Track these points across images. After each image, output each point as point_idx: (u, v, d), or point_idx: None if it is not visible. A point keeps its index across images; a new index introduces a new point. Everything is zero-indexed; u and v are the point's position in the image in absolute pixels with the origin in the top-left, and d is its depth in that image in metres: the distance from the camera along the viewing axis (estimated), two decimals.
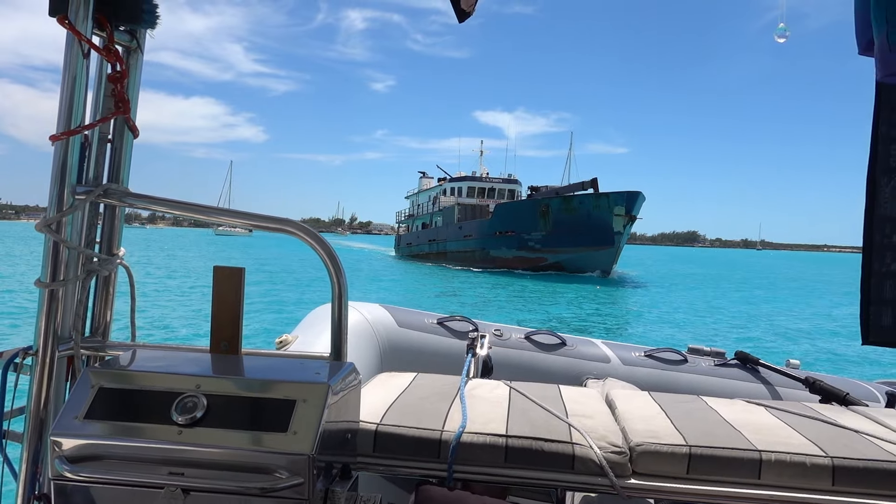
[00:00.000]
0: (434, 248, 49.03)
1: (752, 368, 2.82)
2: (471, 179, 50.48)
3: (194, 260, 42.45)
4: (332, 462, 1.32)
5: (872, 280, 1.82)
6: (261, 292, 20.86)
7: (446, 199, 50.01)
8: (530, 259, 38.48)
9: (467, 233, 43.77)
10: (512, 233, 39.04)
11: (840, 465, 1.56)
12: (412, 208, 60.08)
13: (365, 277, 31.67)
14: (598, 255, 35.87)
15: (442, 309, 3.94)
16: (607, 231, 34.99)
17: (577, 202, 35.96)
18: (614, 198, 34.68)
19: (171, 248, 60.11)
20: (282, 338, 2.31)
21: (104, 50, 1.53)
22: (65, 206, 1.44)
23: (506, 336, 2.81)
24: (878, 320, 1.83)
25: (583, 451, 1.59)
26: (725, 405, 1.99)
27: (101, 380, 1.30)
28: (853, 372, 11.21)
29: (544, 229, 37.25)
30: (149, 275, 26.73)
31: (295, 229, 1.49)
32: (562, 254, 37.08)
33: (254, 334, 11.54)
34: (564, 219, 36.11)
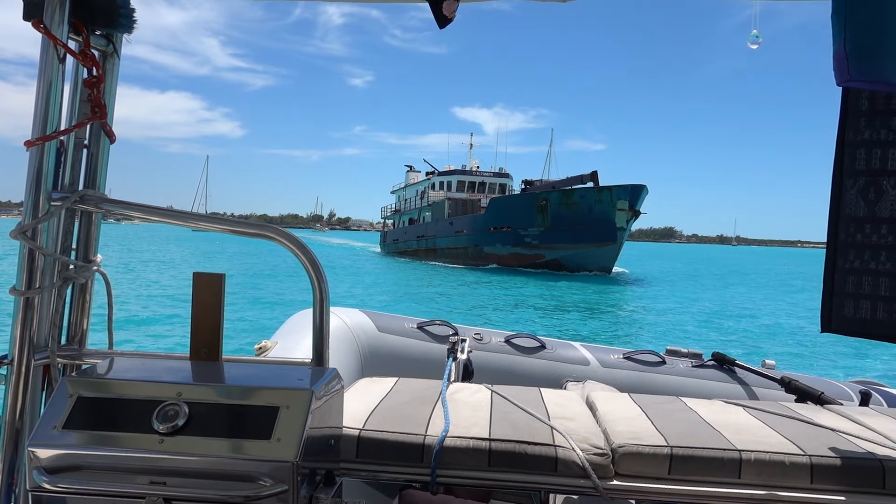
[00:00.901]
0: (423, 244, 47.01)
1: (728, 369, 2.86)
2: (461, 173, 48.63)
3: (179, 262, 40.04)
4: (315, 469, 1.30)
5: (836, 275, 1.91)
6: (240, 294, 20.18)
7: (435, 194, 48.08)
8: (527, 256, 36.67)
9: (459, 228, 41.80)
10: (507, 228, 37.19)
11: (818, 463, 1.58)
12: (398, 203, 57.96)
13: (350, 277, 29.71)
14: (600, 251, 34.11)
15: (437, 312, 3.50)
16: (609, 226, 33.25)
17: (578, 196, 34.12)
18: (617, 191, 32.93)
19: (140, 249, 57.41)
20: (261, 344, 2.32)
21: (80, 54, 1.52)
22: (40, 213, 1.42)
23: (486, 340, 2.81)
24: (840, 310, 1.90)
25: (565, 453, 1.60)
26: (704, 406, 2.01)
27: (80, 389, 1.27)
28: (826, 371, 11.29)
29: (542, 225, 35.42)
30: (133, 276, 24.75)
31: (274, 234, 1.48)
32: (561, 250, 35.26)
33: (231, 338, 10.78)
34: (564, 214, 34.30)
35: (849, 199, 1.87)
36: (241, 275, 27.86)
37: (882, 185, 1.82)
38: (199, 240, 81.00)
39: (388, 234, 57.70)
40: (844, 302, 1.90)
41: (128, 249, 47.65)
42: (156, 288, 21.54)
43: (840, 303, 1.90)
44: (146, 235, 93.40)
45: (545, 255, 35.97)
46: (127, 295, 18.68)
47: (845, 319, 1.90)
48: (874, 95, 1.82)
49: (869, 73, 1.32)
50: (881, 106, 1.82)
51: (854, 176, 1.86)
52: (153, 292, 20.15)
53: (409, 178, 56.84)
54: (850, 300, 1.89)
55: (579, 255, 34.69)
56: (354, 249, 66.86)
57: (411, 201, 53.21)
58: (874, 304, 1.83)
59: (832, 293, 1.91)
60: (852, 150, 1.86)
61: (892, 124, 1.81)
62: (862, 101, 1.84)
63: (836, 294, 1.90)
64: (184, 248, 53.94)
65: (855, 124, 1.86)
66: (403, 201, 55.53)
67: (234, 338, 11.36)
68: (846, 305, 1.89)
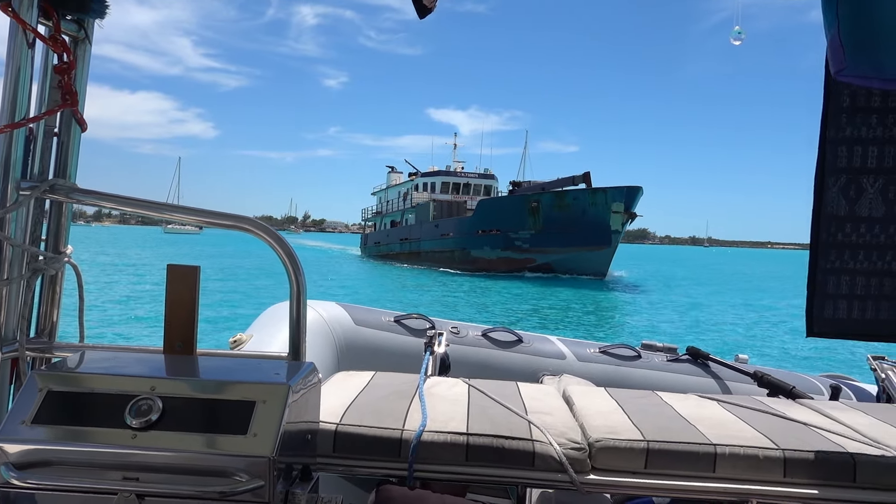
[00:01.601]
0: (406, 247, 45.40)
1: (702, 363, 2.90)
2: (445, 174, 47.16)
3: (149, 259, 37.99)
4: (292, 464, 1.29)
5: (818, 276, 1.88)
6: (213, 289, 20.01)
7: (419, 195, 46.54)
8: (517, 260, 35.30)
9: (445, 231, 40.30)
10: (497, 231, 35.80)
11: (791, 456, 1.59)
12: (379, 205, 56.25)
13: (330, 282, 28.07)
14: (593, 255, 32.87)
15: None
16: (604, 230, 32.06)
17: (571, 198, 32.85)
18: (612, 193, 31.74)
19: (119, 246, 54.99)
20: (236, 337, 2.30)
21: (50, 39, 1.46)
22: (8, 202, 1.40)
23: (462, 333, 2.81)
24: (821, 313, 1.89)
25: (543, 447, 1.59)
26: (679, 400, 2.01)
27: (50, 383, 1.24)
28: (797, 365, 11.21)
29: (533, 227, 34.09)
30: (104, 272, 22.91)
31: (251, 226, 1.46)
32: (552, 254, 33.98)
33: (205, 332, 10.35)
34: (556, 216, 33.01)
35: (830, 197, 1.87)
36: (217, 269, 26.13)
37: (862, 183, 1.83)
38: (179, 243, 78.37)
39: (370, 237, 55.84)
40: (825, 303, 1.90)
41: (102, 253, 45.37)
42: (127, 285, 21.20)
43: (821, 304, 1.90)
44: (119, 237, 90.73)
45: (536, 259, 34.66)
46: (100, 290, 18.52)
47: (826, 321, 1.92)
48: (855, 92, 1.82)
49: (866, 65, 1.31)
50: (862, 103, 1.84)
51: (836, 174, 1.86)
52: (126, 289, 19.88)
53: (390, 178, 55.19)
54: (830, 301, 1.90)
55: (572, 259, 33.46)
56: (332, 252, 65.05)
57: (393, 203, 51.56)
58: (850, 304, 1.87)
59: (814, 295, 1.89)
60: (834, 147, 1.85)
61: (872, 121, 1.83)
62: (843, 98, 1.84)
63: (818, 295, 1.90)
64: (154, 250, 51.83)
65: (836, 121, 1.85)
66: (385, 203, 53.82)
67: (208, 332, 10.94)
68: (826, 307, 1.90)
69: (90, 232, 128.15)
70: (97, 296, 18.08)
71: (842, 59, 1.30)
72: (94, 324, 12.97)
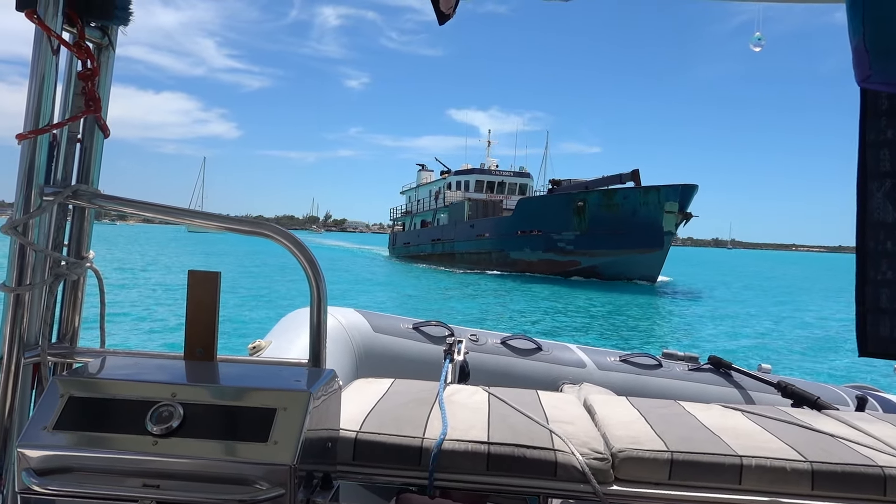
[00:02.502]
0: (439, 248, 43.55)
1: (725, 373, 2.85)
2: (479, 172, 45.24)
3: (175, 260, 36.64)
4: (313, 472, 1.28)
5: (867, 288, 1.80)
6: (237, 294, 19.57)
7: (452, 194, 44.70)
8: (560, 263, 33.31)
9: (481, 231, 38.37)
10: (538, 232, 33.84)
11: (819, 469, 1.56)
12: (409, 204, 54.49)
13: (360, 285, 26.36)
14: (644, 258, 30.76)
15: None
16: (656, 231, 29.96)
17: (622, 197, 30.76)
18: (666, 192, 29.60)
19: (145, 249, 53.95)
20: (255, 343, 2.28)
21: (74, 46, 1.48)
22: (32, 208, 1.40)
23: (482, 341, 2.79)
24: (875, 330, 1.80)
25: (565, 457, 1.58)
26: (702, 410, 1.98)
27: (71, 388, 1.24)
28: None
29: (579, 228, 32.07)
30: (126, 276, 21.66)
31: (272, 233, 1.45)
32: (599, 257, 31.93)
33: (225, 337, 10.01)
34: (604, 216, 30.96)
35: (875, 203, 1.79)
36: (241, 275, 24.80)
37: None
38: (201, 241, 77.48)
39: (398, 237, 53.94)
40: (880, 319, 1.79)
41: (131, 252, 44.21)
42: (149, 288, 20.62)
43: (875, 320, 1.79)
44: (143, 236, 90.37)
45: (581, 262, 32.64)
46: (120, 294, 17.96)
47: (882, 340, 1.79)
48: (894, 94, 1.79)
49: (893, 72, 1.29)
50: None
51: (879, 178, 1.79)
52: (149, 292, 19.35)
53: (421, 177, 53.42)
54: (885, 317, 1.78)
55: (620, 263, 31.39)
56: (359, 253, 63.43)
57: (424, 202, 49.79)
58: None
59: (865, 310, 1.79)
60: (875, 151, 1.80)
61: None
62: (882, 101, 1.81)
63: (870, 310, 1.79)
64: (181, 249, 50.69)
65: (875, 124, 1.80)
66: (415, 202, 52.04)
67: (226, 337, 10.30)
68: (882, 323, 1.79)
69: (118, 231, 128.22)
70: (115, 295, 17.59)
71: (867, 67, 1.28)
72: (115, 328, 12.50)
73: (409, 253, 49.19)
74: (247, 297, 18.84)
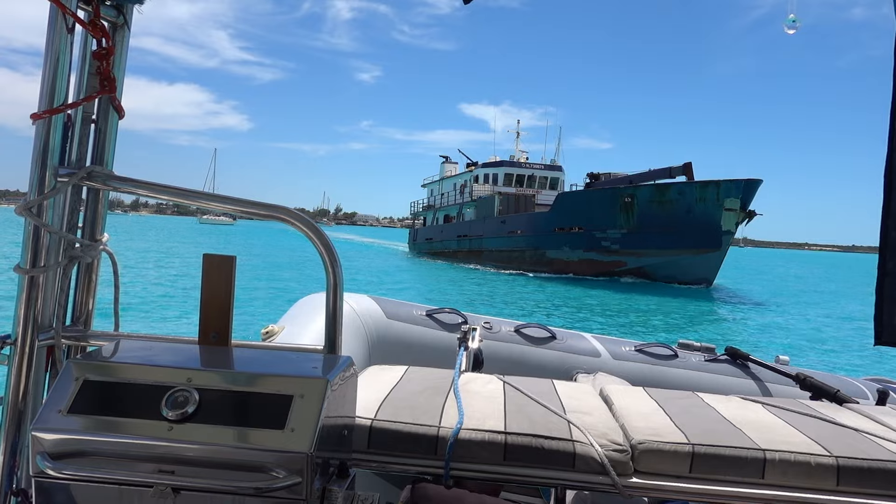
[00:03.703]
0: (465, 244, 40.91)
1: (742, 364, 2.81)
2: (509, 164, 42.59)
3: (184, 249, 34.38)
4: (329, 460, 1.26)
5: (887, 280, 1.77)
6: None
7: (480, 188, 42.07)
8: (603, 263, 30.63)
9: (513, 228, 35.72)
10: (579, 229, 31.18)
11: (845, 464, 1.53)
12: (431, 198, 51.84)
13: (388, 286, 23.82)
14: (699, 260, 28.04)
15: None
16: (713, 230, 27.21)
17: (676, 192, 27.96)
18: (727, 187, 26.80)
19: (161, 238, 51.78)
20: (268, 328, 2.24)
21: (90, 25, 1.44)
22: (46, 189, 1.37)
23: (495, 329, 2.75)
24: (891, 319, 1.78)
25: (583, 448, 1.56)
26: (721, 402, 1.96)
27: (86, 372, 1.23)
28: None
29: (626, 226, 29.36)
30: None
31: (287, 216, 1.43)
32: (648, 257, 29.20)
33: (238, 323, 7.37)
34: (655, 213, 28.22)
35: None
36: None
37: None
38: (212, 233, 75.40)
39: (420, 233, 51.22)
40: (895, 310, 1.76)
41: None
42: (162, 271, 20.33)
43: (892, 311, 1.77)
44: (156, 226, 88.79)
45: (627, 263, 29.96)
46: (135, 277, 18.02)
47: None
48: None
49: None
50: None
51: None
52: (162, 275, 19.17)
53: (444, 169, 50.78)
54: None
55: (672, 264, 28.66)
56: (376, 248, 60.91)
57: (448, 196, 47.16)
58: None
59: (883, 299, 1.77)
60: None
61: None
62: None
63: (888, 300, 1.77)
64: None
65: None
66: (439, 196, 49.35)
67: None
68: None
69: (131, 221, 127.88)
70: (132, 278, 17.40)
71: None
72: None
73: (433, 249, 46.57)
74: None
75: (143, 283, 18.19)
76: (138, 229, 73.87)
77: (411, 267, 36.79)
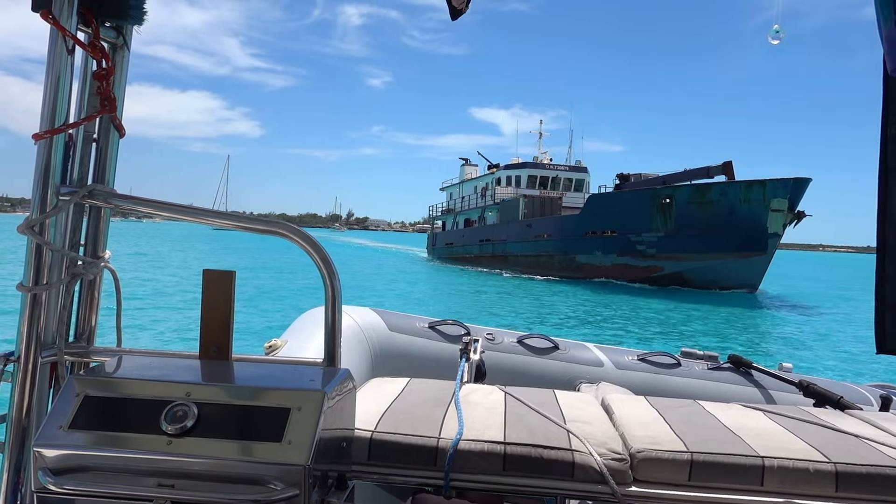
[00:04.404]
0: (488, 249, 39.48)
1: (745, 372, 2.79)
2: (532, 166, 41.16)
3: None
4: (327, 472, 1.27)
5: (887, 285, 1.73)
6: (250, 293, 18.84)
7: (503, 190, 40.66)
8: (638, 268, 29.07)
9: (540, 232, 34.26)
10: (612, 233, 29.70)
11: (843, 470, 1.53)
12: (451, 201, 50.48)
13: (417, 298, 22.40)
14: (743, 264, 26.33)
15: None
16: (759, 232, 25.58)
17: (718, 193, 26.34)
18: (774, 187, 25.16)
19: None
20: (271, 342, 2.24)
21: (89, 46, 1.48)
22: (48, 208, 1.40)
23: (498, 340, 2.75)
24: (893, 327, 1.73)
25: (583, 458, 1.56)
26: (723, 410, 1.96)
27: (87, 387, 1.24)
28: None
29: (663, 229, 27.79)
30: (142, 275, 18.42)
31: (286, 231, 1.44)
32: (687, 261, 27.58)
33: (240, 336, 6.33)
34: (695, 215, 26.64)
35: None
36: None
37: None
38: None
39: (439, 237, 49.78)
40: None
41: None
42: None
43: (893, 318, 1.72)
44: (170, 232, 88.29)
45: (664, 268, 28.38)
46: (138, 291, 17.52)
47: None
48: None
49: None
50: None
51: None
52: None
53: (464, 172, 49.37)
54: None
55: (713, 268, 27.03)
56: (394, 254, 59.58)
57: (469, 199, 45.77)
58: None
59: (884, 306, 1.73)
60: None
61: None
62: None
63: (889, 307, 1.72)
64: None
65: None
66: (459, 199, 47.94)
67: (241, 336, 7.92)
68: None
69: (143, 228, 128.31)
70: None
71: None
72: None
73: (453, 254, 45.15)
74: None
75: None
76: (150, 238, 73.24)
77: (431, 275, 35.38)
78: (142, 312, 14.49)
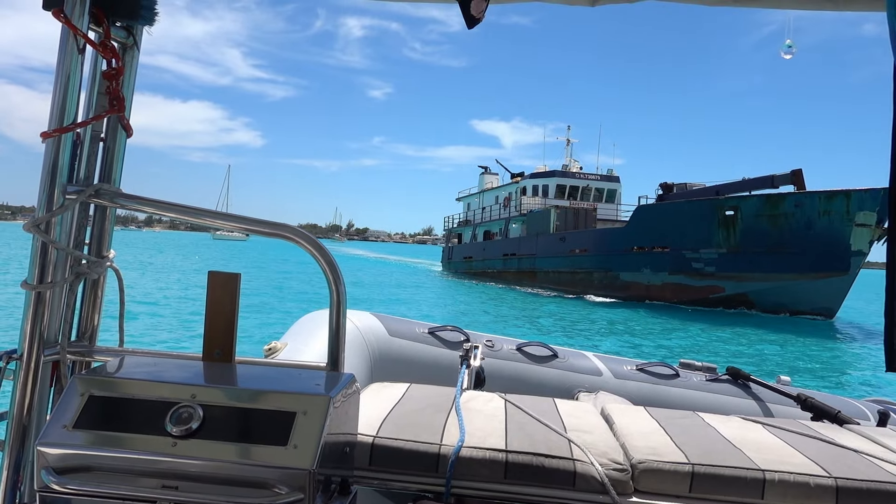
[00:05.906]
0: (513, 265, 36.29)
1: (743, 384, 2.79)
2: (561, 175, 38.10)
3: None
4: (331, 476, 1.27)
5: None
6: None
7: (529, 201, 37.56)
8: (694, 288, 25.83)
9: (575, 246, 31.10)
10: (663, 248, 26.54)
11: (844, 485, 1.53)
12: (468, 212, 47.36)
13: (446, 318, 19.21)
14: (820, 286, 23.14)
15: None
16: (841, 249, 22.40)
17: (792, 204, 23.16)
18: (859, 198, 22.02)
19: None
20: (270, 345, 2.25)
21: (100, 45, 1.48)
22: (54, 206, 1.40)
23: (497, 347, 2.76)
24: None
25: (584, 467, 1.56)
26: (722, 422, 1.96)
27: (92, 387, 1.24)
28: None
29: (725, 245, 24.61)
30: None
31: (292, 234, 1.43)
32: (752, 282, 24.37)
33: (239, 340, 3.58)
34: (764, 230, 23.49)
35: None
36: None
37: None
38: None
39: (455, 251, 46.40)
40: None
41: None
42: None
43: None
44: (170, 242, 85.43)
45: (725, 288, 25.13)
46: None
47: None
48: None
49: None
50: None
51: None
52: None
53: (484, 181, 46.30)
54: None
55: (783, 290, 23.80)
56: (410, 268, 56.29)
57: (490, 210, 42.64)
58: None
59: (894, 323, 1.66)
60: None
61: None
62: None
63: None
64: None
65: None
66: (479, 210, 44.79)
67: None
68: None
69: (141, 237, 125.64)
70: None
71: None
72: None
73: (472, 269, 41.91)
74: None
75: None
76: (155, 245, 70.08)
77: (459, 291, 32.07)
78: (142, 312, 14.41)
